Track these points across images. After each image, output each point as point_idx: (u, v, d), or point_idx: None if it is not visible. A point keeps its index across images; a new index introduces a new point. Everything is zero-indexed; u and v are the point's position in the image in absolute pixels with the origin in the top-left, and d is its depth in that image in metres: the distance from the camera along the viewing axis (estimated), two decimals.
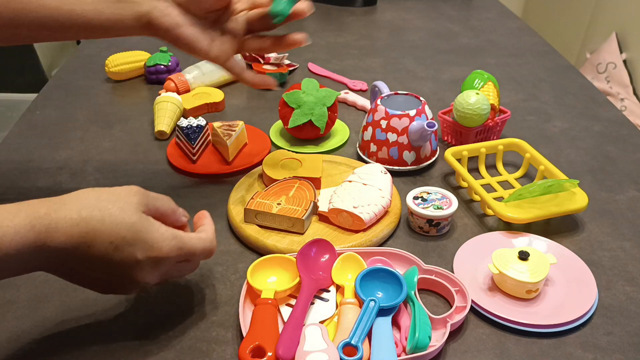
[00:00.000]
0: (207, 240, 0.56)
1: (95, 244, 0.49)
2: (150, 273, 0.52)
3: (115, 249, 0.50)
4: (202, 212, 0.61)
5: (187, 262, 0.56)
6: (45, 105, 1.04)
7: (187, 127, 0.87)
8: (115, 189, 0.53)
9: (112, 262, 0.50)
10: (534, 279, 0.60)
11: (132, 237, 0.50)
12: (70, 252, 0.49)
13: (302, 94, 0.88)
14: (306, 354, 0.52)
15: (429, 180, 0.84)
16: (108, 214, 0.50)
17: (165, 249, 0.52)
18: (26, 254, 0.47)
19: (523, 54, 1.28)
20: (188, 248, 0.54)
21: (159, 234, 0.52)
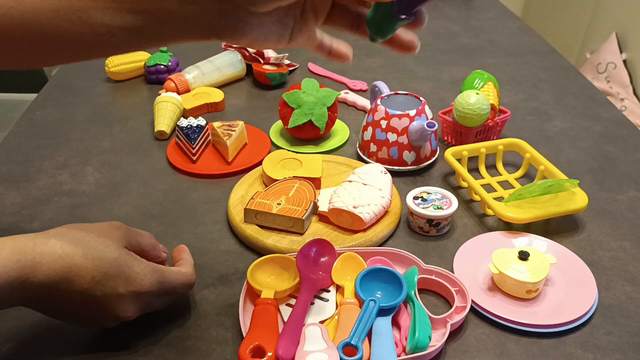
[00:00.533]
0: (187, 275, 0.58)
1: (78, 279, 0.50)
2: (131, 307, 0.54)
3: (97, 284, 0.51)
4: (181, 246, 0.64)
5: (167, 296, 0.58)
6: (45, 105, 1.04)
7: (187, 127, 0.87)
8: (99, 224, 0.54)
9: (93, 297, 0.51)
10: (534, 279, 0.60)
11: (114, 272, 0.51)
12: (53, 286, 0.49)
13: (302, 94, 0.88)
14: (306, 354, 0.52)
15: (429, 180, 0.84)
16: (91, 250, 0.51)
17: (147, 284, 0.53)
18: (9, 289, 0.47)
19: (523, 54, 1.28)
20: (168, 282, 0.56)
21: (140, 269, 0.53)
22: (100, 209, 0.77)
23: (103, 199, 0.79)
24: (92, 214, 0.76)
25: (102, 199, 0.79)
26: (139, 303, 0.54)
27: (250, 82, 1.14)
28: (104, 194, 0.80)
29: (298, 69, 1.20)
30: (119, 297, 0.52)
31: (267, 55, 1.12)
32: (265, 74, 1.09)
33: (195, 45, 1.41)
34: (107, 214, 0.76)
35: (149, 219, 0.75)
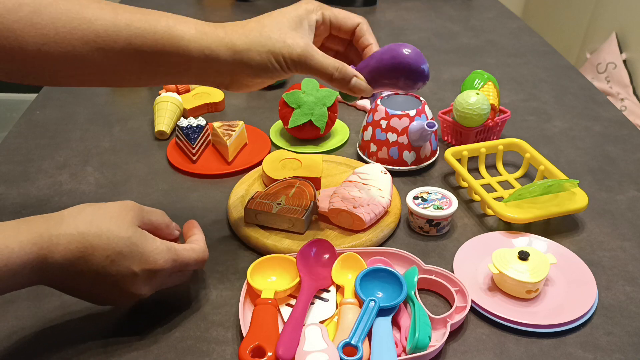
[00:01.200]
0: (199, 251, 0.59)
1: (93, 258, 0.51)
2: (146, 285, 0.55)
3: (112, 263, 0.51)
4: (191, 221, 0.63)
5: (180, 273, 0.59)
6: (45, 105, 1.04)
7: (187, 127, 0.87)
8: (112, 204, 0.55)
9: (108, 275, 0.52)
10: (534, 279, 0.60)
11: (128, 251, 0.52)
12: (69, 266, 0.51)
13: (302, 94, 0.89)
14: (306, 354, 0.52)
15: (429, 180, 0.84)
16: (105, 229, 0.51)
17: (160, 262, 0.54)
18: (28, 270, 0.49)
19: (523, 54, 1.28)
20: (182, 259, 0.56)
21: (154, 247, 0.54)
22: None
23: (103, 199, 0.78)
24: None
25: (102, 199, 0.78)
26: (153, 281, 0.55)
27: None
28: (104, 194, 0.80)
29: None
30: (133, 275, 0.53)
31: None
32: None
33: None
34: None
35: None
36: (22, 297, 0.62)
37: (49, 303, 0.62)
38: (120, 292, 0.54)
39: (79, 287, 0.53)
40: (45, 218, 0.52)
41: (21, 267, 0.48)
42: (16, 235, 0.49)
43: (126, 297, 0.55)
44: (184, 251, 0.57)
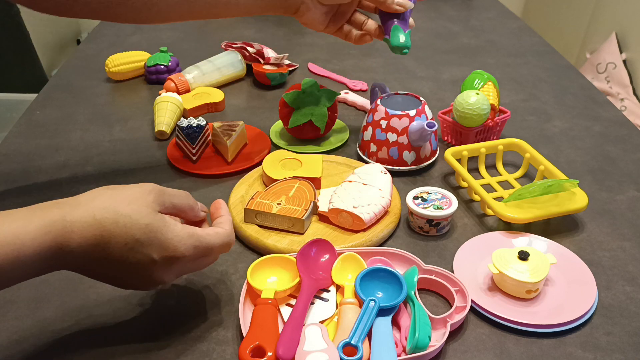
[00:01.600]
0: (225, 235, 0.56)
1: (110, 246, 0.49)
2: (167, 272, 0.53)
3: (130, 250, 0.50)
4: (218, 201, 0.60)
5: (205, 257, 0.56)
6: (45, 105, 1.04)
7: (187, 127, 0.87)
8: (131, 187, 0.53)
9: (127, 263, 0.50)
10: (534, 279, 0.60)
11: (146, 239, 0.50)
12: (87, 253, 0.49)
13: (302, 94, 0.88)
14: (306, 354, 0.52)
15: (429, 180, 0.84)
16: (122, 216, 0.49)
17: (181, 249, 0.52)
18: (43, 258, 0.48)
19: (523, 54, 1.28)
20: (204, 245, 0.54)
21: (174, 234, 0.51)
22: None
23: None
24: None
25: None
26: (174, 268, 0.53)
27: (250, 82, 1.14)
28: None
29: (298, 69, 1.20)
30: (152, 262, 0.51)
31: (267, 55, 1.12)
32: (265, 74, 1.09)
33: (195, 45, 1.42)
34: None
35: None
36: (22, 297, 0.62)
37: (48, 303, 0.62)
38: (140, 279, 0.52)
39: (100, 272, 0.52)
40: (60, 204, 0.50)
41: (34, 256, 0.47)
42: (28, 225, 0.47)
43: (147, 283, 0.53)
44: (208, 236, 0.54)
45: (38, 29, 2.10)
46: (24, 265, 0.47)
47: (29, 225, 0.47)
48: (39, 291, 0.63)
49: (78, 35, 2.80)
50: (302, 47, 1.31)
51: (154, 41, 1.33)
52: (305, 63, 1.23)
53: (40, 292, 0.63)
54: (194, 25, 1.43)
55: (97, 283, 0.64)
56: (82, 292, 0.63)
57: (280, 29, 1.42)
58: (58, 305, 0.62)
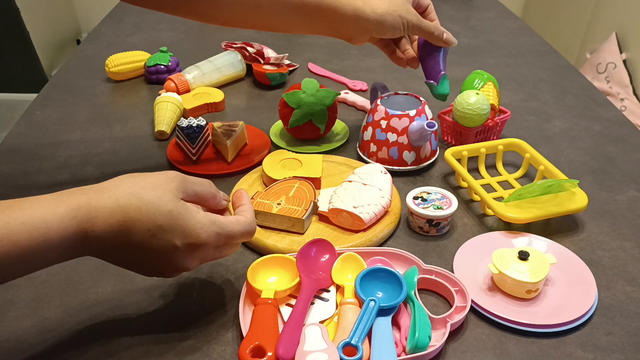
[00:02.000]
0: (246, 223, 0.56)
1: (133, 231, 0.50)
2: (189, 258, 0.53)
3: (153, 237, 0.50)
4: (240, 191, 0.61)
5: (227, 245, 0.56)
6: (45, 105, 1.04)
7: (187, 127, 0.87)
8: (154, 174, 0.53)
9: (150, 249, 0.51)
10: (534, 279, 0.60)
11: (169, 225, 0.50)
12: (111, 239, 0.50)
13: (302, 94, 0.88)
14: (306, 354, 0.52)
15: (429, 180, 0.84)
16: (145, 202, 0.50)
17: (203, 236, 0.52)
18: (69, 243, 0.48)
19: (523, 54, 1.28)
20: (227, 232, 0.54)
21: (196, 220, 0.52)
22: None
23: None
24: None
25: None
26: (196, 255, 0.53)
27: (250, 82, 1.14)
28: None
29: (298, 69, 1.20)
30: (175, 249, 0.51)
31: (267, 55, 1.12)
32: (265, 74, 1.09)
33: (195, 45, 1.42)
34: None
35: None
36: (22, 298, 0.62)
37: (48, 303, 0.62)
38: (163, 265, 0.53)
39: (123, 258, 0.52)
40: (85, 190, 0.51)
41: (61, 241, 0.48)
42: (55, 210, 0.48)
43: (170, 269, 0.54)
44: (229, 224, 0.55)
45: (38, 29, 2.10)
46: (51, 250, 0.48)
47: (55, 210, 0.48)
48: (39, 291, 0.63)
49: (78, 35, 2.81)
50: (302, 47, 1.31)
51: (154, 41, 1.33)
52: (305, 63, 1.23)
53: (40, 292, 0.63)
54: (194, 25, 1.44)
55: (97, 283, 0.64)
56: (82, 292, 0.63)
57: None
58: (58, 305, 0.62)
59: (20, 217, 0.47)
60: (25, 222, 0.46)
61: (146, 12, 1.52)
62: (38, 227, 0.47)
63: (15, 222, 0.46)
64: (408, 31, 0.79)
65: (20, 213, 0.47)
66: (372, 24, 0.76)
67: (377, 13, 0.75)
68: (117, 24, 1.45)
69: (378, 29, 0.77)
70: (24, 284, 0.64)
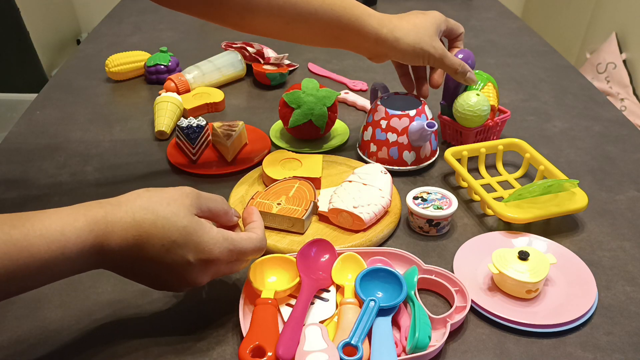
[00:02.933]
0: (257, 240, 0.57)
1: (148, 246, 0.51)
2: (201, 273, 0.54)
3: (167, 251, 0.51)
4: (251, 207, 0.62)
5: (238, 261, 0.57)
6: (45, 105, 1.04)
7: (187, 127, 0.87)
8: (169, 190, 0.54)
9: (163, 263, 0.52)
10: (534, 279, 0.60)
11: (183, 240, 0.51)
12: (126, 253, 0.51)
13: (302, 94, 0.88)
14: (306, 354, 0.52)
15: (429, 180, 0.84)
16: (161, 217, 0.51)
17: (216, 252, 0.53)
18: (86, 256, 0.49)
19: (523, 54, 1.28)
20: (239, 249, 0.55)
21: (210, 236, 0.53)
22: None
23: None
24: None
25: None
26: (208, 270, 0.54)
27: (250, 82, 1.14)
28: (104, 194, 0.79)
29: (298, 69, 1.20)
30: (188, 264, 0.52)
31: (267, 55, 1.12)
32: (265, 74, 1.09)
33: (195, 45, 1.41)
34: None
35: None
36: (22, 297, 0.62)
37: (48, 303, 0.62)
38: (175, 279, 0.54)
39: (137, 272, 0.53)
40: (102, 203, 0.52)
41: (78, 254, 0.48)
42: (73, 222, 0.49)
43: (182, 284, 0.54)
44: (242, 240, 0.55)
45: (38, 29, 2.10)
46: (68, 262, 0.49)
47: (74, 223, 0.49)
48: (38, 291, 0.63)
49: (78, 35, 2.81)
50: (302, 47, 1.31)
51: (154, 41, 1.33)
52: (305, 63, 1.23)
53: (40, 292, 0.63)
54: (194, 25, 1.44)
55: (97, 283, 0.64)
56: (82, 292, 0.63)
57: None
58: (58, 305, 0.62)
59: (39, 229, 0.47)
60: (44, 235, 0.47)
61: (146, 12, 1.52)
62: (57, 240, 0.47)
63: (34, 235, 0.47)
64: (430, 64, 0.79)
65: (39, 225, 0.48)
66: (392, 52, 0.77)
67: (401, 44, 0.75)
68: (117, 24, 1.45)
69: (399, 57, 0.78)
70: None
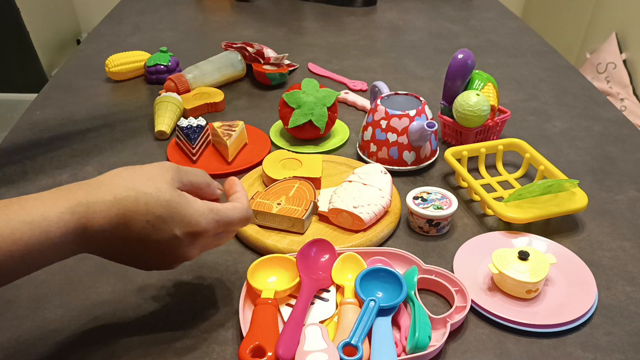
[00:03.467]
0: (243, 209, 0.56)
1: (133, 224, 0.49)
2: (190, 247, 0.53)
3: (153, 228, 0.50)
4: (232, 178, 0.60)
5: (225, 233, 0.56)
6: (45, 105, 1.04)
7: (187, 127, 0.87)
8: (149, 166, 0.53)
9: (150, 240, 0.50)
10: (534, 279, 0.60)
11: (168, 215, 0.50)
12: (110, 233, 0.49)
13: (302, 94, 0.88)
14: (306, 354, 0.52)
15: (429, 180, 0.84)
16: (142, 194, 0.50)
17: (203, 223, 0.52)
18: (69, 239, 0.48)
19: (523, 54, 1.28)
20: (225, 219, 0.54)
21: (195, 209, 0.52)
22: None
23: None
24: None
25: None
26: (197, 243, 0.53)
27: (250, 82, 1.14)
28: None
29: (298, 69, 1.20)
30: (175, 239, 0.51)
31: (267, 55, 1.12)
32: (265, 74, 1.09)
33: (195, 45, 1.42)
34: None
35: None
36: (22, 298, 0.62)
37: (48, 303, 0.62)
38: (164, 257, 0.53)
39: (123, 253, 0.52)
40: (82, 185, 0.50)
41: (62, 237, 0.47)
42: (55, 206, 0.47)
43: (171, 261, 0.53)
44: (227, 210, 0.54)
45: (38, 29, 2.10)
46: (52, 247, 0.47)
47: (55, 206, 0.47)
48: (39, 291, 0.63)
49: (78, 35, 2.81)
50: (302, 47, 1.31)
51: (154, 41, 1.33)
52: (305, 63, 1.23)
53: (40, 292, 0.63)
54: (194, 25, 1.44)
55: (97, 283, 0.64)
56: (82, 292, 0.63)
57: (280, 29, 1.42)
58: (58, 305, 0.62)
59: (22, 215, 0.46)
60: (26, 220, 0.46)
61: (146, 12, 1.52)
62: (39, 225, 0.46)
63: (17, 220, 0.46)
64: None
65: (21, 211, 0.46)
66: None
67: None
68: (117, 24, 1.45)
69: None
70: (24, 284, 0.64)
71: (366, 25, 1.46)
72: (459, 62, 0.87)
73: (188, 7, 1.56)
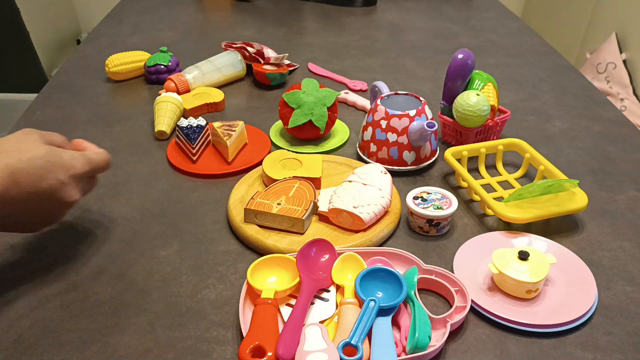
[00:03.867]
0: (104, 153, 0.65)
1: (22, 179, 0.56)
2: (74, 190, 0.61)
3: (40, 179, 0.57)
4: (78, 140, 0.67)
5: (92, 178, 0.65)
6: (45, 105, 1.04)
7: (187, 127, 0.87)
8: (11, 135, 0.60)
9: (40, 192, 0.58)
10: (534, 279, 0.60)
11: (49, 164, 0.58)
12: (3, 195, 0.55)
13: (302, 94, 0.89)
14: (306, 354, 0.52)
15: (429, 180, 0.84)
16: (22, 152, 0.57)
17: (79, 165, 0.61)
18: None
19: (523, 54, 1.28)
20: (94, 162, 0.63)
21: (69, 154, 0.61)
22: (100, 209, 0.77)
23: (103, 199, 0.79)
24: (92, 214, 0.76)
25: (102, 199, 0.79)
26: (78, 185, 0.62)
27: (250, 82, 1.14)
28: (104, 194, 0.80)
29: (298, 69, 1.20)
30: (61, 184, 0.59)
31: (267, 55, 1.12)
32: (265, 74, 1.09)
33: (195, 45, 1.42)
34: (107, 214, 0.76)
35: (149, 219, 0.75)
36: (22, 297, 0.62)
37: (48, 303, 0.62)
38: (54, 205, 0.60)
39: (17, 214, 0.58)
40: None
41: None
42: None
43: (61, 207, 0.61)
44: (93, 155, 0.63)
45: (38, 29, 2.10)
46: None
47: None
48: (38, 291, 0.63)
49: (78, 35, 2.81)
50: (302, 47, 1.31)
51: (154, 41, 1.33)
52: (305, 63, 1.23)
53: (40, 292, 0.63)
54: (194, 25, 1.44)
55: (97, 283, 0.64)
56: (82, 292, 0.63)
57: (280, 29, 1.42)
58: (58, 305, 0.62)
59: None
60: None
61: (146, 12, 1.52)
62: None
63: None
64: None
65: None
66: None
67: None
68: (117, 24, 1.45)
69: None
70: (24, 284, 0.64)
71: (366, 25, 1.46)
72: (459, 62, 0.87)
73: (188, 7, 1.56)
